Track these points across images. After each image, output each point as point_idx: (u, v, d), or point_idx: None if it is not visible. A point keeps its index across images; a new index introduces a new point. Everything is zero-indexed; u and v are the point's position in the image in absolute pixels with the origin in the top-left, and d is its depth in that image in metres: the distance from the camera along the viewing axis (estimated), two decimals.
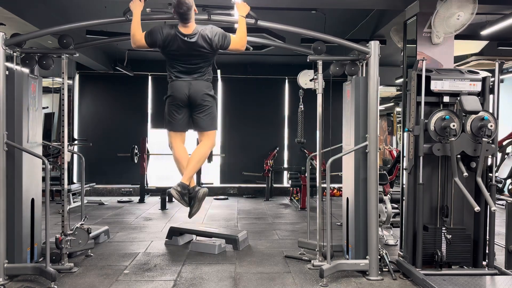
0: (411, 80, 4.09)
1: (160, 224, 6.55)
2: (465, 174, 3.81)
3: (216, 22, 3.96)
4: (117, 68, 8.95)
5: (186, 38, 3.48)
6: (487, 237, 4.02)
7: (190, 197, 3.48)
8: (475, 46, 6.76)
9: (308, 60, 4.28)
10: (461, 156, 3.94)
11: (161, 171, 9.74)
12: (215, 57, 3.70)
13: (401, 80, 6.53)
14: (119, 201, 8.93)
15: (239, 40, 3.65)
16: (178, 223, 5.75)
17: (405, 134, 4.27)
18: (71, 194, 7.66)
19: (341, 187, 4.65)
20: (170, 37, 3.49)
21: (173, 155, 3.68)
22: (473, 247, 4.06)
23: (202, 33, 3.51)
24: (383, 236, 5.35)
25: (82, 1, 6.00)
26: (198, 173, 8.38)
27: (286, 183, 10.27)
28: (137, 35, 3.54)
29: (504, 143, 8.34)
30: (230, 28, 3.78)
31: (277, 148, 10.00)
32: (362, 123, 4.12)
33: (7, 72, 3.85)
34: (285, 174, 10.31)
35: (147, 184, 9.12)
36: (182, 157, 3.62)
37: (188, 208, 3.59)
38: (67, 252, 4.11)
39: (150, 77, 10.05)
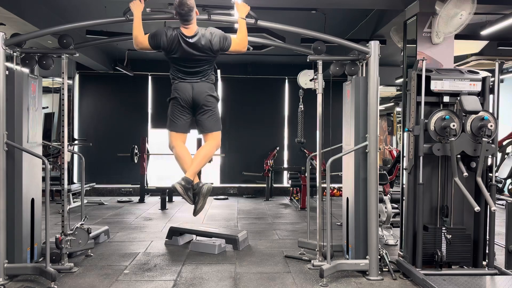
0: (411, 80, 4.09)
1: (160, 224, 6.55)
2: (465, 174, 3.81)
3: (216, 22, 3.96)
4: (117, 68, 8.95)
5: (188, 39, 3.48)
6: (487, 237, 4.02)
7: (194, 193, 3.46)
8: (475, 46, 6.76)
9: (308, 60, 4.28)
10: (461, 156, 3.94)
11: (161, 171, 9.75)
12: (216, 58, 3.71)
13: (401, 80, 6.53)
14: (119, 201, 8.93)
15: (239, 42, 3.65)
16: (178, 223, 5.75)
17: (405, 134, 4.27)
18: (71, 194, 7.66)
19: (341, 187, 4.65)
20: (173, 39, 3.49)
21: (175, 154, 3.65)
22: (473, 247, 4.06)
23: (203, 34, 3.51)
24: (383, 236, 5.36)
25: (82, 1, 6.00)
26: (198, 174, 8.38)
27: (286, 183, 10.26)
28: (140, 37, 3.53)
29: (504, 143, 8.35)
30: (230, 28, 3.78)
31: (277, 148, 10.00)
32: (362, 123, 4.12)
33: (7, 72, 3.85)
34: (285, 174, 10.30)
35: (147, 184, 9.12)
36: (184, 155, 3.61)
37: (192, 205, 3.54)
38: (67, 252, 4.11)
39: (150, 77, 10.05)
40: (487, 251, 4.02)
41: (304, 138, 7.94)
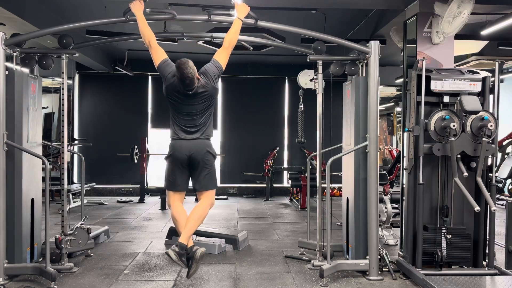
0: (411, 80, 4.09)
1: (160, 224, 6.55)
2: (465, 174, 3.80)
3: (216, 22, 3.96)
4: (117, 68, 8.95)
5: (188, 92, 3.41)
6: (487, 237, 4.02)
7: (188, 258, 3.35)
8: (475, 46, 6.76)
9: (308, 60, 4.28)
10: (461, 156, 3.94)
11: (161, 171, 9.73)
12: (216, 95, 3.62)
13: (401, 80, 6.53)
14: (119, 201, 8.93)
15: (225, 50, 3.57)
16: None
17: (405, 134, 4.27)
18: (71, 194, 7.66)
19: (341, 187, 4.65)
20: (174, 85, 3.43)
21: (171, 214, 3.59)
22: (473, 247, 4.06)
23: (199, 85, 3.43)
24: (383, 236, 5.36)
25: (82, 1, 6.00)
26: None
27: (286, 183, 10.26)
28: (151, 40, 3.48)
29: (504, 143, 8.35)
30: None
31: (277, 148, 10.00)
32: (362, 123, 4.11)
33: (7, 72, 3.85)
34: (285, 174, 10.30)
35: (147, 184, 9.12)
36: (180, 216, 3.52)
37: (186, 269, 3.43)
38: (67, 252, 4.12)
39: (150, 77, 10.05)
40: (487, 251, 4.02)
41: (304, 138, 7.94)
